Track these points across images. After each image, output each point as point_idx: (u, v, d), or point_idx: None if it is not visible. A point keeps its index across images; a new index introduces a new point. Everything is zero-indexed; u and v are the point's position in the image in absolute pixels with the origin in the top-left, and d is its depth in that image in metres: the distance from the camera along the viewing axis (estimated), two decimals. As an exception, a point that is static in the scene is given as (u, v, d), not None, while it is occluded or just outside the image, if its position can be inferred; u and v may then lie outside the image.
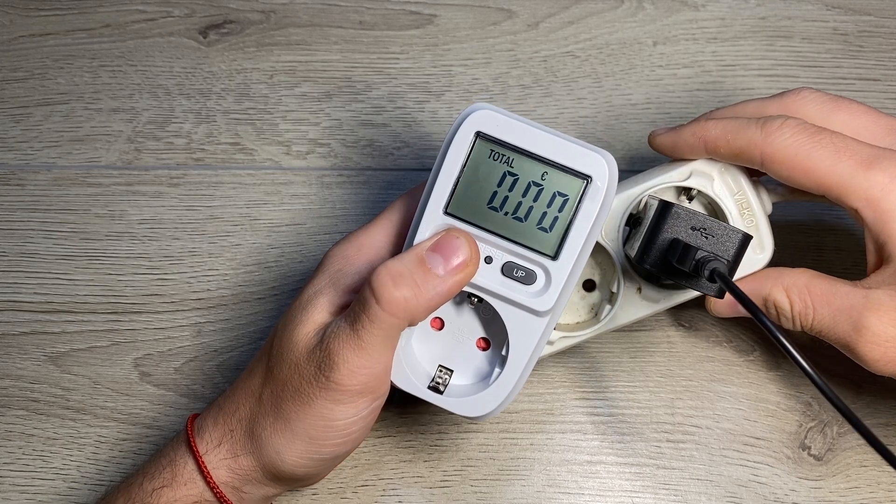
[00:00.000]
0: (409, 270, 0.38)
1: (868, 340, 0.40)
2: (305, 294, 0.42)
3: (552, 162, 0.39)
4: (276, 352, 0.42)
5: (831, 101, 0.42)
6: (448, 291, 0.39)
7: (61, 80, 0.58)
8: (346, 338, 0.39)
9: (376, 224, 0.44)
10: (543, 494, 0.49)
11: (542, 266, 0.39)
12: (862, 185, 0.39)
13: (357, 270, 0.42)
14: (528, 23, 0.59)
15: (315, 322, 0.41)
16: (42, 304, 0.54)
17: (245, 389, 0.43)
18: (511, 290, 0.40)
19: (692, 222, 0.41)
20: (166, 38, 0.59)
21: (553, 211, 0.39)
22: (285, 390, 0.41)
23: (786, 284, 0.42)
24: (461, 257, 0.39)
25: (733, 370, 0.51)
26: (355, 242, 0.43)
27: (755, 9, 0.59)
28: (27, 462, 0.51)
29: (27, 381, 0.52)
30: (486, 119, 0.39)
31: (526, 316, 0.40)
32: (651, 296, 0.45)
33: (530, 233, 0.39)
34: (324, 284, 0.42)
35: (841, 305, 0.40)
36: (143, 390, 0.52)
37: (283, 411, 0.41)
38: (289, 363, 0.41)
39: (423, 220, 0.40)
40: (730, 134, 0.42)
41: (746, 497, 0.49)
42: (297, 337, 0.41)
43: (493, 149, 0.39)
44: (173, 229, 0.55)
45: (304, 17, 0.59)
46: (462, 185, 0.39)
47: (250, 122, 0.57)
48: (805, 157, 0.40)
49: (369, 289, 0.38)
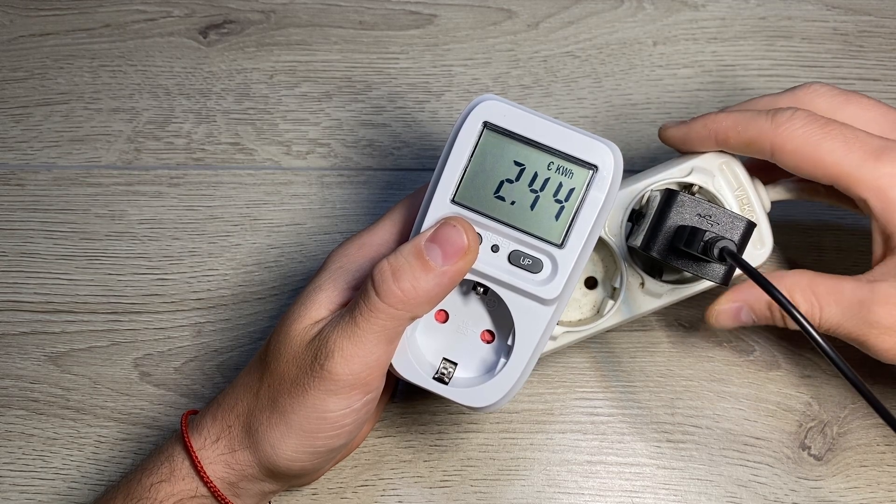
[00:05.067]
0: (408, 263, 0.39)
1: (879, 333, 0.40)
2: (305, 291, 0.43)
3: (558, 152, 0.39)
4: (273, 347, 0.42)
5: (841, 95, 0.43)
6: (449, 282, 0.39)
7: (61, 80, 0.58)
8: (345, 326, 0.39)
9: (379, 224, 0.44)
10: (543, 494, 0.49)
11: (548, 254, 0.40)
12: (871, 176, 0.40)
13: (358, 268, 0.42)
14: (528, 23, 0.59)
15: (313, 317, 0.41)
16: (42, 304, 0.54)
17: (243, 385, 0.43)
18: (518, 278, 0.40)
19: (697, 209, 0.42)
20: (166, 38, 0.59)
21: (559, 200, 0.39)
22: (282, 384, 0.41)
23: (788, 286, 0.42)
24: (459, 246, 0.39)
25: (733, 370, 0.51)
26: (357, 241, 0.44)
27: (755, 9, 0.59)
28: (27, 462, 0.51)
29: (27, 381, 0.52)
30: (494, 109, 0.39)
31: (532, 305, 0.40)
32: (654, 290, 0.45)
33: (537, 221, 0.39)
34: (324, 281, 0.42)
35: (849, 301, 0.41)
36: (143, 390, 0.52)
37: (279, 405, 0.41)
38: (286, 356, 0.41)
39: (430, 209, 0.40)
40: (740, 125, 0.42)
41: (746, 497, 0.49)
42: (295, 331, 0.41)
43: (500, 139, 0.39)
44: (173, 229, 0.55)
45: (304, 17, 0.59)
46: (469, 174, 0.40)
47: (250, 122, 0.57)
48: (815, 147, 0.40)
49: (370, 281, 0.39)
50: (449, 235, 0.39)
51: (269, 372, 0.42)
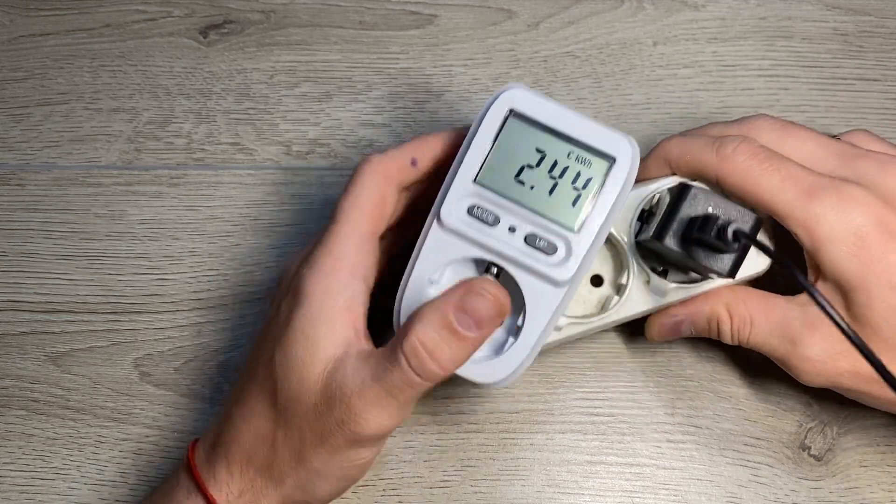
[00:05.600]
0: (442, 339, 0.38)
1: (800, 353, 0.43)
2: (297, 325, 0.40)
3: (579, 142, 0.41)
4: (284, 395, 0.40)
5: (782, 129, 0.45)
6: (483, 341, 0.40)
7: (61, 80, 0.58)
8: (375, 397, 0.39)
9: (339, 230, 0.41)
10: (543, 494, 0.49)
11: (563, 238, 0.41)
12: (801, 214, 0.43)
13: (344, 289, 0.40)
14: (528, 23, 0.59)
15: (322, 359, 0.40)
16: (42, 304, 0.54)
17: (252, 432, 0.41)
18: (532, 259, 0.41)
19: (709, 202, 0.43)
20: (166, 38, 0.59)
21: (577, 188, 0.41)
22: (304, 440, 0.40)
23: (726, 301, 0.45)
24: (490, 314, 0.39)
25: (734, 371, 0.51)
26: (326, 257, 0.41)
27: (755, 9, 0.59)
28: (27, 462, 0.51)
29: (27, 381, 0.52)
30: (520, 98, 0.41)
31: (544, 286, 0.41)
32: (658, 288, 0.46)
33: (554, 207, 0.41)
34: (316, 312, 0.40)
35: (778, 319, 0.44)
36: (143, 390, 0.52)
37: (308, 460, 0.40)
38: (304, 407, 0.40)
39: (452, 187, 0.41)
40: (688, 155, 0.45)
41: (746, 497, 0.49)
42: (308, 378, 0.39)
43: (523, 126, 0.41)
44: (173, 229, 0.55)
45: (305, 17, 0.59)
46: (492, 157, 0.41)
47: (250, 122, 0.57)
48: (754, 183, 0.43)
49: (404, 359, 0.38)
50: (477, 306, 0.38)
51: (285, 423, 0.40)
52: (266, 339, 0.42)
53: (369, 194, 0.42)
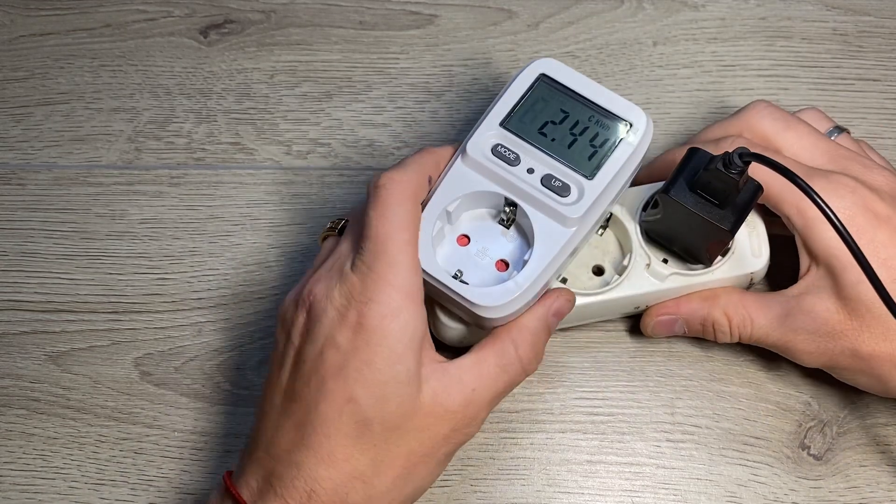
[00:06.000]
0: (543, 341, 0.44)
1: (803, 338, 0.45)
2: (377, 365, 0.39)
3: (601, 108, 0.45)
4: (380, 427, 0.39)
5: (784, 120, 0.47)
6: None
7: (62, 80, 0.58)
8: (486, 392, 0.42)
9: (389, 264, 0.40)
10: (543, 494, 0.49)
11: (577, 182, 0.44)
12: (792, 196, 0.44)
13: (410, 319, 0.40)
14: (528, 23, 0.59)
15: (417, 387, 0.40)
16: (43, 304, 0.54)
17: (346, 474, 0.39)
18: (547, 196, 0.43)
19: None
20: (167, 38, 0.59)
21: (595, 145, 0.44)
22: (409, 459, 0.40)
23: (723, 304, 0.47)
24: (567, 311, 0.45)
25: (733, 370, 0.51)
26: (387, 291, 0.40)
27: (755, 9, 0.59)
28: (28, 461, 0.51)
29: (28, 381, 0.52)
30: (551, 66, 0.46)
31: (554, 225, 0.43)
32: (658, 272, 0.47)
33: (572, 156, 0.44)
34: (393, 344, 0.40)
35: (776, 314, 0.46)
36: (143, 390, 0.52)
37: (414, 479, 0.41)
38: (413, 432, 0.40)
39: (479, 129, 0.44)
40: None
41: (746, 497, 0.49)
42: (418, 401, 0.40)
43: (551, 90, 0.45)
44: (174, 229, 0.55)
45: (305, 17, 0.60)
46: (520, 109, 0.45)
47: (251, 122, 0.57)
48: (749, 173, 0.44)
49: (521, 366, 0.43)
50: (563, 309, 0.44)
51: (387, 450, 0.40)
52: (326, 380, 0.40)
53: (408, 216, 0.41)
